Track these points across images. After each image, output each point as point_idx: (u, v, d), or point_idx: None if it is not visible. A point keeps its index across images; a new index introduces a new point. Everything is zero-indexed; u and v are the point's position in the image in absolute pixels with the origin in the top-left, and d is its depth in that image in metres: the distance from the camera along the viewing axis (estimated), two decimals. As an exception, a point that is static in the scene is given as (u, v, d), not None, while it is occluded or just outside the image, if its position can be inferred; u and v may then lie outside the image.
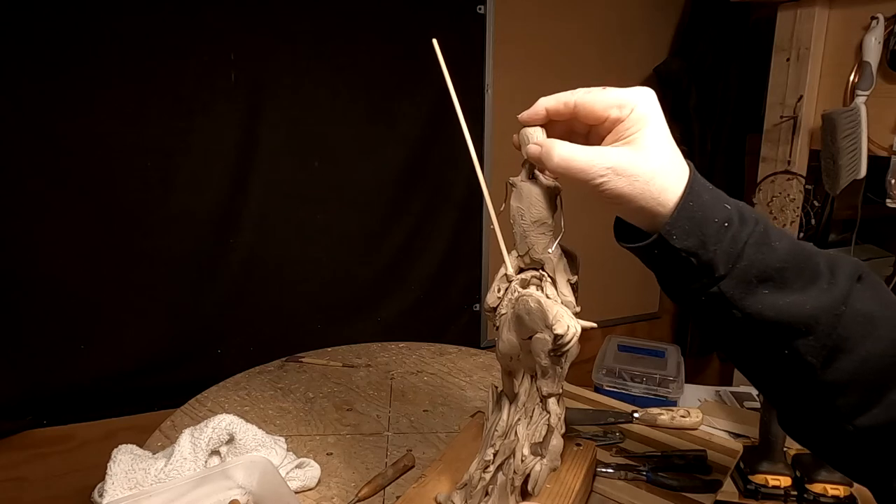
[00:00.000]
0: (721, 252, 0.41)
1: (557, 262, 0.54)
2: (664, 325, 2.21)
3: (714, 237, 0.41)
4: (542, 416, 0.58)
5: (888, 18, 1.26)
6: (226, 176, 1.37)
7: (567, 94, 0.46)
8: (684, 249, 0.41)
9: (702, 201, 0.42)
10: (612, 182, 0.41)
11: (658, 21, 1.87)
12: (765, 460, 0.82)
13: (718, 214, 0.41)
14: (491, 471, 0.59)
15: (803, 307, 0.40)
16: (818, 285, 0.41)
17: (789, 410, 0.47)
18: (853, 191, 1.38)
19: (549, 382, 0.56)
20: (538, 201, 0.52)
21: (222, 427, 0.77)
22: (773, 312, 0.41)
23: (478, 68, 1.60)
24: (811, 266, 0.42)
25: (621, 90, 0.44)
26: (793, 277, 0.41)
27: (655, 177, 0.42)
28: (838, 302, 0.41)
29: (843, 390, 0.41)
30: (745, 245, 0.41)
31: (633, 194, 0.41)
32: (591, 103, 0.44)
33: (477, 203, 1.67)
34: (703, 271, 0.41)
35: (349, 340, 1.28)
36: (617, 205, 0.43)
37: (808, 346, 0.41)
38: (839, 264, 0.42)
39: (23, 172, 1.21)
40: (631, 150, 0.42)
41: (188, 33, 1.28)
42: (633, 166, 0.41)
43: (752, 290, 0.41)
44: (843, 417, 0.42)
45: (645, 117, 0.43)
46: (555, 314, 0.50)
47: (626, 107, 0.43)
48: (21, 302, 1.25)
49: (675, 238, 0.41)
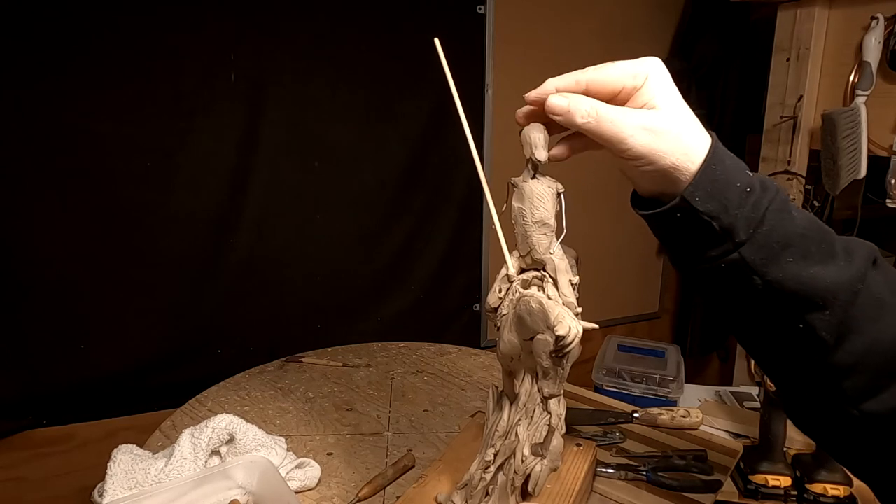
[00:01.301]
0: (742, 217, 0.41)
1: (559, 262, 0.54)
2: (664, 325, 2.21)
3: (736, 201, 0.41)
4: (542, 416, 0.58)
5: (888, 18, 1.26)
6: (226, 176, 1.37)
7: (577, 72, 0.45)
8: (706, 212, 0.41)
9: (724, 166, 0.42)
10: (642, 137, 0.41)
11: (658, 21, 1.87)
12: (765, 460, 0.82)
13: (741, 179, 0.41)
14: (491, 471, 0.59)
15: (823, 280, 0.40)
16: (836, 261, 0.41)
17: (795, 393, 0.46)
18: (853, 191, 1.38)
19: (551, 383, 0.56)
20: (540, 201, 0.52)
21: (222, 427, 0.77)
22: (794, 283, 0.40)
23: (478, 68, 1.60)
24: (829, 241, 0.42)
25: (631, 62, 0.44)
26: (814, 248, 0.41)
27: (682, 133, 0.42)
28: (856, 280, 0.41)
29: (852, 372, 0.41)
30: (767, 211, 0.41)
31: (662, 150, 0.41)
32: (603, 77, 0.44)
33: (477, 203, 1.67)
34: (724, 236, 0.41)
35: (349, 340, 1.28)
36: (645, 164, 0.42)
37: (823, 321, 0.41)
38: (855, 245, 0.43)
39: (23, 172, 1.21)
40: (656, 111, 0.42)
41: (188, 33, 1.27)
42: (664, 123, 0.42)
43: (775, 258, 0.41)
44: (850, 401, 0.41)
45: (661, 83, 0.43)
46: (556, 315, 0.50)
47: (640, 76, 0.43)
48: (21, 302, 1.24)
49: (698, 200, 0.41)
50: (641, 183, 0.45)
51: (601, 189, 1.87)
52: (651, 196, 0.45)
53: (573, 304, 0.54)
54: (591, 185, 1.84)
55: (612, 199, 1.90)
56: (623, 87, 0.44)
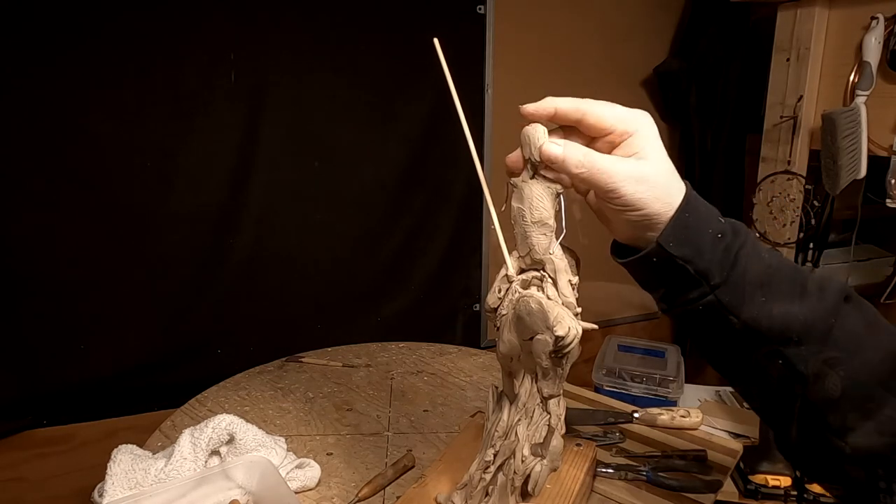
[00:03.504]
0: (716, 261, 0.43)
1: (559, 262, 0.54)
2: (664, 325, 2.21)
3: (709, 247, 0.43)
4: (542, 416, 0.58)
5: (888, 18, 1.26)
6: (226, 176, 1.37)
7: (577, 99, 0.47)
8: (681, 257, 0.43)
9: (697, 213, 0.45)
10: (632, 187, 0.44)
11: (658, 21, 1.87)
12: (765, 460, 0.82)
13: (713, 226, 0.44)
14: (491, 471, 0.59)
15: (797, 316, 0.43)
16: (809, 297, 0.43)
17: (784, 429, 0.47)
18: (853, 191, 1.38)
19: (550, 384, 0.56)
20: (539, 202, 0.52)
21: (222, 427, 0.77)
22: (768, 320, 0.43)
23: (478, 68, 1.60)
24: (801, 279, 0.44)
25: (627, 109, 0.46)
26: (786, 286, 0.43)
27: (666, 184, 0.45)
28: (829, 314, 0.43)
29: (834, 406, 0.42)
30: (739, 254, 0.44)
31: (648, 199, 0.44)
32: (600, 113, 0.46)
33: (477, 203, 1.67)
34: (699, 280, 0.44)
35: (349, 340, 1.28)
36: (632, 211, 0.44)
37: (800, 355, 0.42)
38: (827, 282, 0.45)
39: (22, 172, 1.20)
40: (645, 162, 0.45)
41: (188, 33, 1.27)
42: (652, 174, 0.44)
43: (748, 297, 0.43)
44: (836, 434, 0.43)
45: (651, 135, 0.46)
46: (556, 315, 0.50)
47: (632, 124, 0.46)
48: (21, 302, 1.24)
49: (671, 245, 0.44)
50: (620, 229, 0.48)
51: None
52: (627, 242, 0.48)
53: (573, 304, 0.54)
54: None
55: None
56: (615, 130, 0.46)
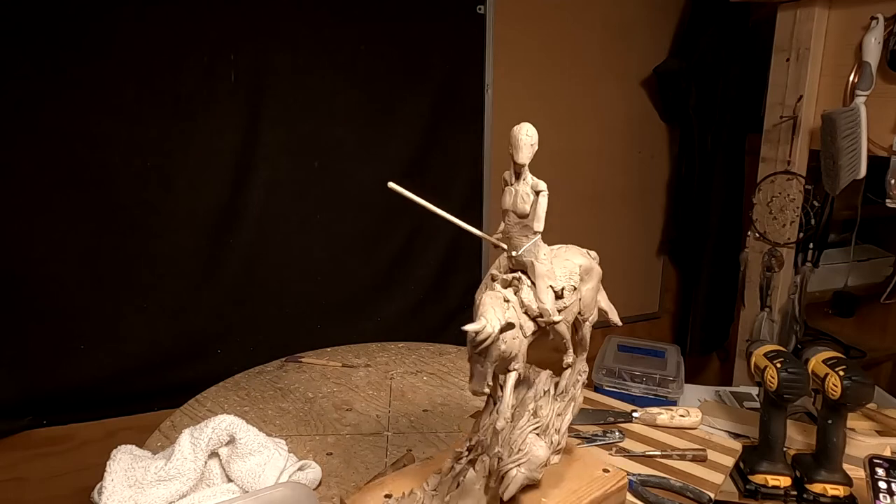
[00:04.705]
0: None
1: (540, 266, 0.54)
2: (664, 325, 2.21)
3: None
4: (528, 422, 0.58)
5: (888, 18, 1.26)
6: (226, 176, 1.37)
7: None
8: None
9: None
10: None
11: (658, 21, 1.87)
12: (765, 460, 0.82)
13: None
14: (462, 463, 0.59)
15: None
16: None
17: None
18: (853, 191, 1.38)
19: (475, 380, 0.53)
20: (522, 203, 0.53)
21: (222, 428, 0.77)
22: None
23: (478, 68, 1.59)
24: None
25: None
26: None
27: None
28: None
29: None
30: None
31: None
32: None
33: (477, 203, 1.67)
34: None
35: (349, 340, 1.28)
36: None
37: None
38: None
39: (22, 172, 1.21)
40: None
41: (188, 33, 1.27)
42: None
43: None
44: None
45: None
46: (483, 311, 0.50)
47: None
48: (21, 302, 1.24)
49: None
50: None
51: (601, 190, 1.87)
52: None
53: (547, 310, 0.54)
54: (591, 186, 1.84)
55: (613, 200, 1.90)
56: None
